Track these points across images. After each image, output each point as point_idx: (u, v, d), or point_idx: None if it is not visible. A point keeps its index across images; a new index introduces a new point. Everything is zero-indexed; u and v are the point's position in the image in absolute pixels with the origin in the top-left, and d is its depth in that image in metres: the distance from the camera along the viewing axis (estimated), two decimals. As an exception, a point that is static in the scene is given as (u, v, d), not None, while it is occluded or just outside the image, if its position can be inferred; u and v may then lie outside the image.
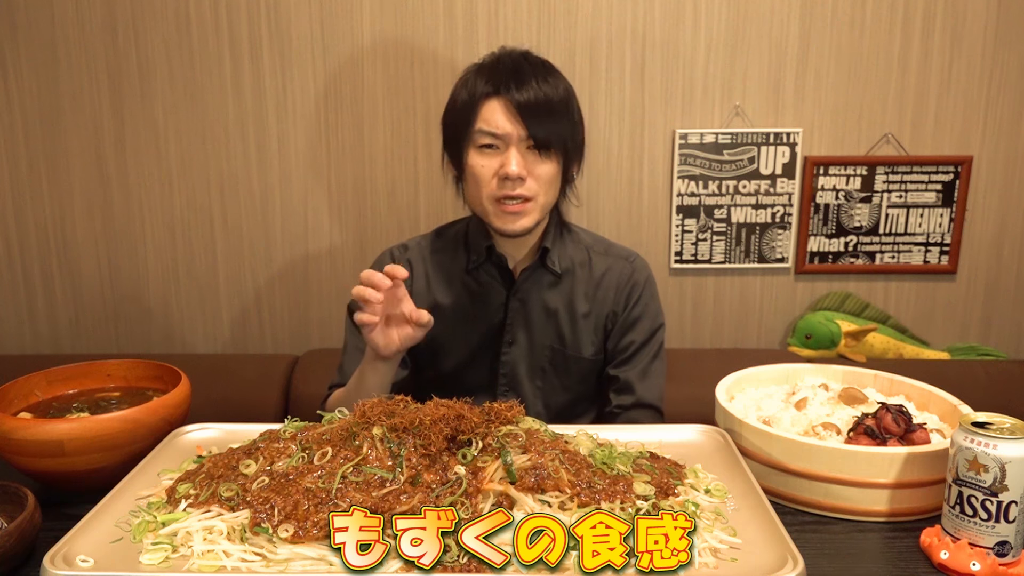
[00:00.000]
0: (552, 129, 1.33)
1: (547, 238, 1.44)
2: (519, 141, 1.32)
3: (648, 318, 1.47)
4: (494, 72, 1.35)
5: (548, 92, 1.33)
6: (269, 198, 2.10)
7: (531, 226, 1.37)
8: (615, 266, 1.48)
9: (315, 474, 0.91)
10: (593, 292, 1.46)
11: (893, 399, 1.23)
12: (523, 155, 1.33)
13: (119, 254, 2.13)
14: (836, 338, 2.07)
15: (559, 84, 1.37)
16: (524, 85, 1.32)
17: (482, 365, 1.47)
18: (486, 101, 1.34)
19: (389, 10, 1.99)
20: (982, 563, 0.89)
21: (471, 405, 1.02)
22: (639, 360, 1.46)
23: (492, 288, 1.44)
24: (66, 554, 0.84)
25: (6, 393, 1.17)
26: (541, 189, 1.35)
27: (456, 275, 1.47)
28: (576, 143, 1.41)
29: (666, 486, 0.95)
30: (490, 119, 1.33)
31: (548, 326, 1.45)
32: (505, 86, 1.32)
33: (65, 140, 2.06)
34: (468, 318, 1.45)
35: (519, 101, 1.31)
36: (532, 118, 1.32)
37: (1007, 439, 0.88)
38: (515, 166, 1.31)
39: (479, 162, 1.35)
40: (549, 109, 1.33)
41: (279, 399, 1.92)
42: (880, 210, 2.10)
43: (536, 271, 1.44)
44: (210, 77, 2.02)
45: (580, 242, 1.50)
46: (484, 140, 1.34)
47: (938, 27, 2.00)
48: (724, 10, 2.00)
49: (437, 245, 1.51)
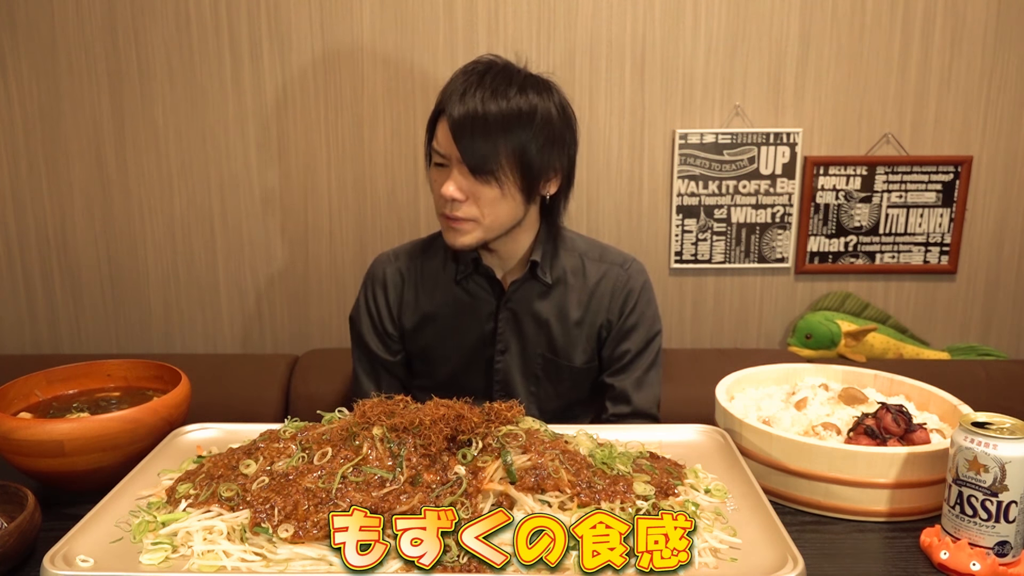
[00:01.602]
0: (487, 150, 1.23)
1: (536, 251, 1.39)
2: (459, 162, 1.26)
3: (644, 326, 1.44)
4: (451, 84, 1.29)
5: (489, 108, 1.23)
6: (269, 198, 2.10)
7: (474, 244, 1.32)
8: (610, 273, 1.43)
9: (315, 474, 0.91)
10: (587, 300, 1.43)
11: (893, 399, 1.23)
12: (464, 176, 1.26)
13: (119, 254, 2.13)
14: (836, 338, 2.07)
15: (515, 99, 1.25)
16: (465, 100, 1.24)
17: (476, 372, 1.46)
18: (440, 117, 1.28)
19: (389, 10, 1.99)
20: (982, 563, 0.89)
21: (471, 405, 1.02)
22: (635, 369, 1.44)
23: (481, 299, 1.42)
24: (66, 554, 0.84)
25: (6, 393, 1.17)
26: (483, 212, 1.28)
27: (445, 284, 1.44)
28: (543, 162, 1.29)
29: (666, 486, 0.95)
30: (439, 136, 1.29)
31: (539, 335, 1.42)
32: (450, 102, 1.25)
33: (65, 140, 2.06)
34: (459, 327, 1.44)
35: (453, 118, 1.24)
36: (464, 138, 1.23)
37: (1007, 439, 0.88)
38: (451, 188, 1.26)
39: (433, 177, 1.33)
40: (484, 128, 1.23)
41: (279, 399, 1.92)
42: (880, 210, 2.10)
43: (526, 283, 1.41)
44: (210, 77, 2.02)
45: (574, 249, 1.45)
46: (436, 158, 1.30)
47: (938, 27, 2.00)
48: (724, 10, 2.00)
49: (428, 254, 1.48)
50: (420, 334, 1.46)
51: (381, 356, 1.47)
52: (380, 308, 1.46)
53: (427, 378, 1.49)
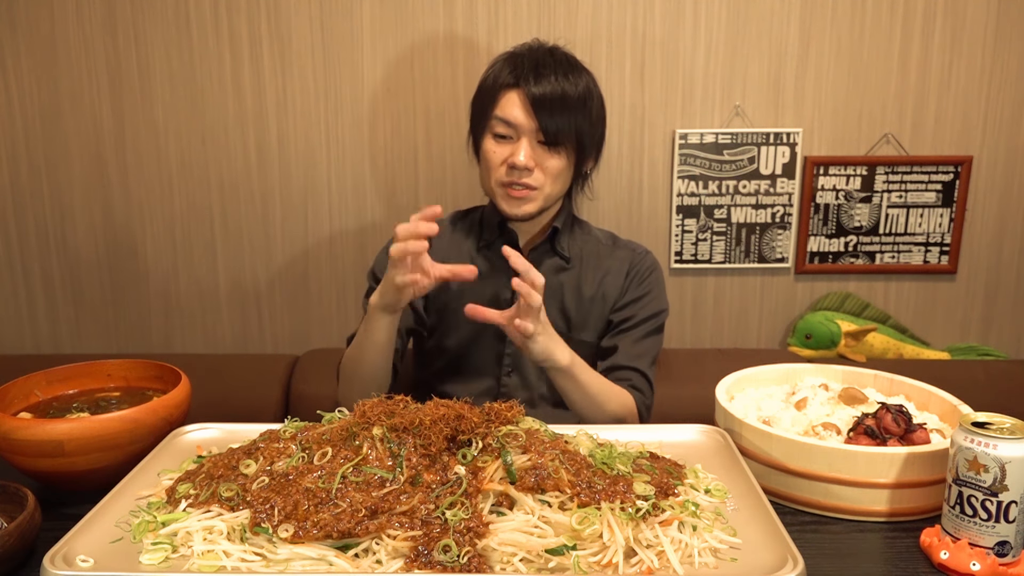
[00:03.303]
0: (564, 124, 1.38)
1: (558, 219, 1.50)
2: (531, 133, 1.39)
3: (650, 299, 1.51)
4: (518, 63, 1.41)
5: (566, 88, 1.38)
6: (269, 198, 2.10)
7: (535, 212, 1.43)
8: (624, 256, 1.54)
9: (315, 474, 0.91)
10: (601, 278, 1.51)
11: (893, 399, 1.23)
12: (533, 147, 1.39)
13: (119, 254, 2.13)
14: (836, 338, 2.07)
15: (579, 81, 1.41)
16: (542, 79, 1.37)
17: (487, 344, 1.49)
18: (506, 91, 1.40)
19: (389, 10, 1.99)
20: (982, 563, 0.89)
21: (471, 405, 1.02)
22: (634, 332, 1.48)
23: (502, 268, 1.45)
24: (66, 554, 0.84)
25: (6, 393, 1.17)
26: (547, 180, 1.41)
27: (468, 253, 1.53)
28: (591, 140, 1.45)
29: (666, 486, 0.95)
30: (507, 109, 1.39)
31: (554, 309, 1.49)
32: (524, 79, 1.38)
33: (65, 140, 2.06)
34: (476, 295, 1.47)
35: (535, 95, 1.37)
36: (545, 112, 1.37)
37: (1007, 439, 0.88)
38: (523, 157, 1.38)
39: (492, 148, 1.42)
40: (563, 105, 1.38)
41: (279, 399, 1.92)
42: (880, 210, 2.10)
43: (545, 252, 1.50)
44: (210, 77, 2.02)
45: (590, 234, 1.57)
46: (499, 129, 1.41)
47: (938, 27, 2.00)
48: (724, 10, 2.00)
49: (455, 226, 1.57)
50: (437, 298, 1.50)
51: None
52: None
53: (438, 352, 1.52)
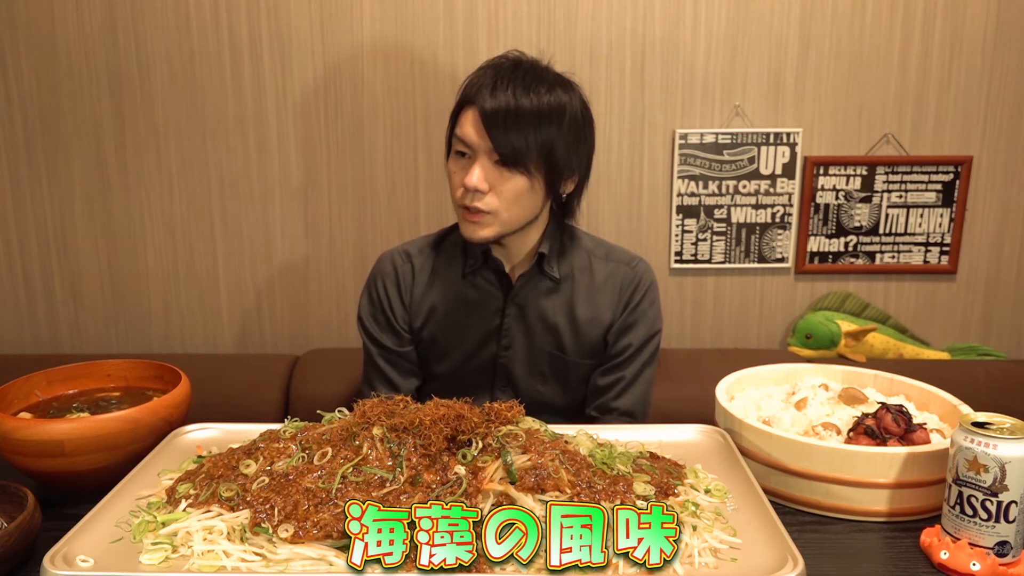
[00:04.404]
0: (519, 143, 1.25)
1: (543, 243, 1.40)
2: (486, 152, 1.27)
3: (645, 324, 1.44)
4: (479, 77, 1.31)
5: (522, 103, 1.25)
6: (269, 198, 2.10)
7: (491, 237, 1.33)
8: (617, 271, 1.44)
9: (315, 474, 0.91)
10: (594, 298, 1.43)
11: (893, 399, 1.23)
12: (488, 168, 1.28)
13: (119, 254, 2.13)
14: (836, 338, 2.07)
15: (544, 95, 1.28)
16: (497, 94, 1.26)
17: (479, 368, 1.46)
18: (466, 108, 1.30)
19: (389, 10, 1.99)
20: (982, 563, 0.89)
21: (471, 405, 1.02)
22: (630, 365, 1.44)
23: (489, 293, 1.43)
24: (66, 554, 0.84)
25: (6, 393, 1.17)
26: (503, 205, 1.29)
27: (454, 280, 1.45)
28: (567, 160, 1.32)
29: (666, 486, 0.95)
30: (464, 127, 1.29)
31: (546, 333, 1.43)
32: (480, 94, 1.27)
33: (65, 140, 2.06)
34: (465, 322, 1.44)
35: (486, 111, 1.25)
36: (498, 130, 1.25)
37: (1007, 439, 0.88)
38: (474, 179, 1.27)
39: (451, 168, 1.34)
40: (517, 121, 1.25)
41: (279, 399, 1.92)
42: (880, 210, 2.10)
43: (534, 277, 1.42)
44: (210, 77, 2.02)
45: (581, 247, 1.46)
46: (459, 147, 1.31)
47: (938, 27, 2.00)
48: (724, 10, 2.00)
49: (438, 250, 1.49)
50: (425, 328, 1.46)
51: (395, 349, 1.47)
52: (392, 301, 1.45)
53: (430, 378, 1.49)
